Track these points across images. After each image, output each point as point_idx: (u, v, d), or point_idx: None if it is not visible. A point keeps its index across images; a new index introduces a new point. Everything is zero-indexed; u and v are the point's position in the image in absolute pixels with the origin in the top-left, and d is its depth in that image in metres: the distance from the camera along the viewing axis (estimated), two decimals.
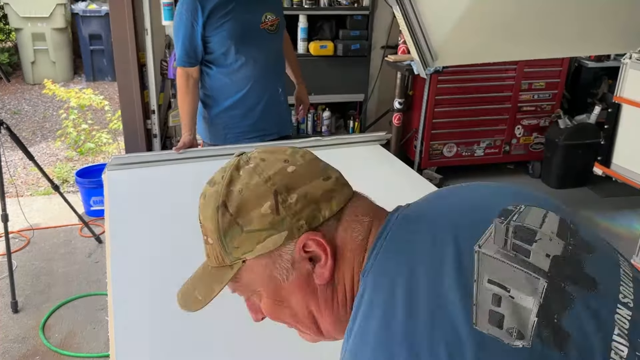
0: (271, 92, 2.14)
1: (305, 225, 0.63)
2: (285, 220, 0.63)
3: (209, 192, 0.72)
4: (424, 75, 2.25)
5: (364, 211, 0.67)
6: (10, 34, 6.17)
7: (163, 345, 1.07)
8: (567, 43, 2.14)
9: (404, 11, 1.75)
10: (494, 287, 0.55)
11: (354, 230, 0.64)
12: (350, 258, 0.64)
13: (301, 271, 0.64)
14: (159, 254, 1.38)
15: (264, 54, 2.06)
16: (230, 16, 1.94)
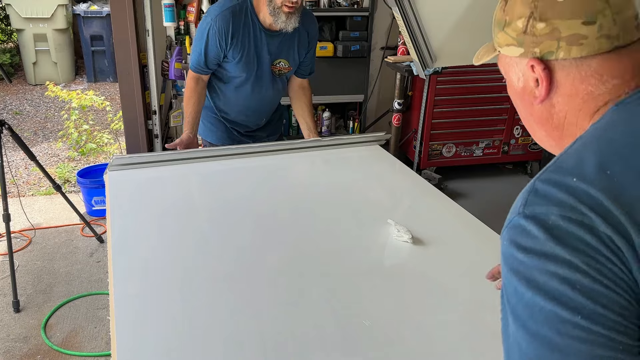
0: (256, 120, 2.23)
1: (537, 53, 0.70)
2: (527, 40, 0.71)
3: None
4: (423, 76, 2.27)
5: (615, 73, 0.67)
6: (12, 35, 6.19)
7: (164, 344, 1.08)
8: None
9: (403, 13, 1.76)
10: None
11: (592, 85, 0.68)
12: (577, 104, 0.70)
13: (527, 84, 0.74)
14: (161, 254, 1.39)
15: (264, 90, 2.11)
16: (252, 49, 1.99)
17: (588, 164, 0.62)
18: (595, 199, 0.59)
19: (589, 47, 0.67)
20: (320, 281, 1.30)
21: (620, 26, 0.66)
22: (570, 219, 0.59)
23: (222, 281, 1.29)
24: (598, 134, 0.65)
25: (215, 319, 1.16)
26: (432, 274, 1.34)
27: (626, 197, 0.58)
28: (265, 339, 1.11)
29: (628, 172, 0.60)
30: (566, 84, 0.70)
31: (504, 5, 0.75)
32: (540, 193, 0.62)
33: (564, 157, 0.66)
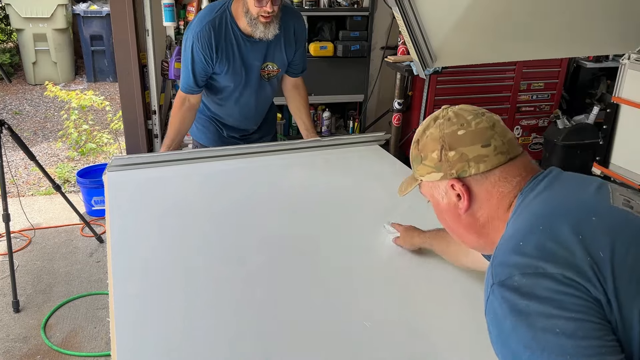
0: (248, 125, 2.21)
1: (454, 174, 0.90)
2: (443, 166, 0.91)
3: (419, 129, 0.98)
4: (423, 76, 2.27)
5: (514, 174, 0.88)
6: (11, 35, 6.19)
7: (164, 344, 1.08)
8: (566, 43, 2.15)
9: (403, 12, 1.76)
10: (623, 197, 0.82)
11: (501, 187, 0.88)
12: (494, 204, 0.89)
13: (450, 199, 0.92)
14: (160, 254, 1.39)
15: (253, 97, 2.09)
16: (238, 58, 1.96)
17: (526, 228, 0.79)
18: (541, 249, 0.74)
19: (491, 162, 0.88)
20: (320, 281, 1.30)
21: (507, 144, 0.89)
22: (529, 274, 0.73)
23: (222, 281, 1.29)
24: (521, 213, 0.83)
25: (214, 319, 1.16)
26: (433, 274, 1.34)
27: (561, 236, 0.75)
28: (265, 339, 1.11)
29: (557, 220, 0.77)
30: (481, 192, 0.89)
31: (417, 145, 0.96)
32: (499, 266, 0.77)
33: (505, 237, 0.83)
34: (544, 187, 0.85)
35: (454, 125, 0.91)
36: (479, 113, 0.92)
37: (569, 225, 0.75)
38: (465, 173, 0.89)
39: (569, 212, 0.79)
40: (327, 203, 1.69)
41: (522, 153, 0.91)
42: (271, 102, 2.25)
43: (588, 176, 0.90)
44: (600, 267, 0.70)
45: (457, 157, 0.89)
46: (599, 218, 0.77)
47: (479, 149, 0.88)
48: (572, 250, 0.72)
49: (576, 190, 0.85)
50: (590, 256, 0.71)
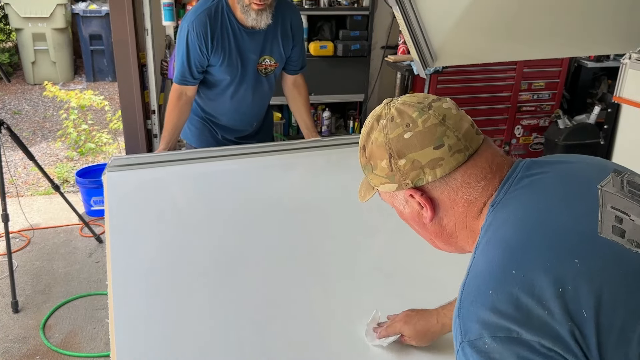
0: (245, 125, 2.16)
1: (410, 184, 0.79)
2: (396, 176, 0.80)
3: (363, 131, 0.85)
4: (423, 76, 2.26)
5: (478, 177, 0.77)
6: (10, 34, 6.18)
7: (163, 345, 1.08)
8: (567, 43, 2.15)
9: (403, 12, 1.75)
10: (616, 211, 0.69)
11: (465, 193, 0.78)
12: (460, 212, 0.79)
13: (413, 208, 0.83)
14: (159, 254, 1.38)
15: (250, 92, 2.04)
16: (234, 49, 1.92)
17: (498, 270, 0.67)
18: (514, 305, 0.63)
19: (449, 165, 0.76)
20: (321, 281, 1.29)
21: (463, 139, 0.77)
22: (500, 338, 0.63)
23: (221, 281, 1.28)
24: (493, 238, 0.72)
25: (214, 319, 1.16)
26: (433, 274, 1.34)
27: (538, 288, 0.63)
28: (264, 339, 1.10)
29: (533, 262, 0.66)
30: (444, 199, 0.79)
31: (363, 153, 0.84)
32: (467, 318, 0.67)
33: (474, 270, 0.71)
34: (518, 202, 0.73)
35: (399, 127, 0.78)
36: (424, 107, 0.78)
37: (548, 273, 0.63)
38: (422, 181, 0.78)
39: (547, 248, 0.66)
40: (327, 203, 1.69)
41: (484, 142, 0.79)
42: (268, 103, 2.20)
43: (572, 173, 0.78)
44: (584, 332, 0.60)
45: (409, 166, 0.77)
46: (583, 261, 0.64)
47: (431, 152, 0.76)
48: (550, 309, 0.61)
49: (558, 207, 0.71)
50: (571, 319, 0.61)
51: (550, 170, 0.77)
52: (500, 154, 0.81)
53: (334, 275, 1.32)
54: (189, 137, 2.17)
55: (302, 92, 2.19)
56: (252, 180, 1.83)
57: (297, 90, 2.18)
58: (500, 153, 0.81)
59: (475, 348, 0.64)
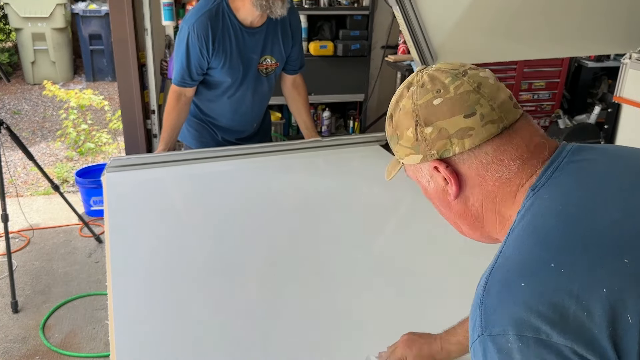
0: (245, 125, 2.14)
1: (435, 154, 0.72)
2: (421, 146, 0.73)
3: (392, 100, 0.80)
4: None
5: (513, 155, 0.70)
6: (10, 34, 6.17)
7: (163, 345, 1.08)
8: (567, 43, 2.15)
9: (403, 11, 1.75)
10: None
11: (497, 171, 0.70)
12: (490, 191, 0.71)
13: (437, 184, 0.76)
14: (159, 254, 1.38)
15: (250, 92, 2.03)
16: (235, 51, 1.91)
17: (533, 261, 0.60)
18: (548, 302, 0.56)
19: (480, 136, 0.70)
20: (321, 282, 1.29)
21: (498, 110, 0.70)
22: (527, 338, 0.56)
23: (221, 281, 1.28)
24: (530, 225, 0.64)
25: (213, 319, 1.15)
26: (433, 274, 1.33)
27: (580, 289, 0.56)
28: (264, 338, 1.10)
29: (577, 256, 0.58)
30: (472, 175, 0.72)
31: (390, 122, 0.78)
32: (491, 309, 0.60)
33: (506, 256, 0.64)
34: (563, 189, 0.65)
35: (429, 93, 0.72)
36: (459, 73, 0.72)
37: (591, 270, 0.56)
38: (449, 152, 0.71)
39: (594, 243, 0.58)
40: (327, 203, 1.68)
41: (522, 118, 0.71)
42: (267, 103, 2.19)
43: (626, 162, 0.69)
44: (624, 339, 0.53)
45: (436, 134, 0.71)
46: (635, 261, 0.56)
47: (461, 120, 0.69)
48: (590, 310, 0.54)
49: (609, 198, 0.63)
50: (613, 324, 0.53)
51: (601, 156, 0.69)
52: (541, 134, 0.72)
53: (333, 275, 1.32)
54: (188, 140, 2.15)
55: (302, 93, 2.18)
56: (252, 180, 1.82)
57: (296, 91, 2.17)
58: (541, 133, 0.73)
59: (497, 344, 0.58)
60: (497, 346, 0.58)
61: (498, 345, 0.58)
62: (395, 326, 1.15)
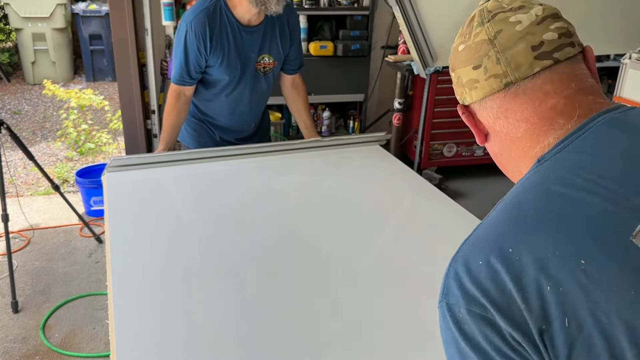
0: (244, 125, 2.14)
1: (459, 100, 0.75)
2: (454, 89, 0.75)
3: None
4: (423, 75, 2.26)
5: (518, 116, 0.67)
6: (10, 34, 6.17)
7: (163, 345, 1.08)
8: None
9: (403, 11, 1.75)
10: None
11: (503, 127, 0.70)
12: (506, 144, 0.71)
13: (469, 123, 0.76)
14: (159, 254, 1.38)
15: (247, 91, 2.02)
16: (233, 49, 1.91)
17: (496, 241, 0.60)
18: (498, 285, 0.57)
19: (483, 89, 0.69)
20: (320, 281, 1.29)
21: (505, 63, 0.66)
22: (474, 313, 0.59)
23: (221, 281, 1.28)
24: (512, 201, 0.64)
25: (214, 319, 1.15)
26: (433, 275, 1.33)
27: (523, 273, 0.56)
28: (265, 338, 1.10)
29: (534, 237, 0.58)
30: (487, 125, 0.72)
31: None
32: (451, 279, 0.63)
33: (481, 228, 0.64)
34: (560, 169, 0.61)
35: (460, 37, 0.72)
36: (492, 15, 0.69)
37: (542, 266, 0.55)
38: (465, 100, 0.73)
39: (559, 237, 0.56)
40: (327, 203, 1.69)
41: (545, 71, 0.65)
42: (266, 103, 2.18)
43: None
44: (555, 339, 0.54)
45: (456, 81, 0.73)
46: (590, 265, 0.53)
47: (470, 71, 0.69)
48: (530, 303, 0.55)
49: (605, 189, 0.57)
50: (546, 320, 0.54)
51: (630, 138, 0.61)
52: (573, 97, 0.64)
53: (333, 275, 1.32)
54: (187, 139, 2.15)
55: (301, 93, 2.18)
56: (252, 180, 1.83)
57: (296, 91, 2.17)
58: (566, 94, 0.65)
59: (452, 313, 0.61)
60: (452, 314, 0.61)
61: (452, 314, 0.61)
62: (396, 326, 1.15)
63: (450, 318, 0.61)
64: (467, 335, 0.60)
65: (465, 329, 0.60)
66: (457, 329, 0.60)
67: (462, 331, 0.60)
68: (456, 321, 0.61)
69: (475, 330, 0.59)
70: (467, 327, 0.59)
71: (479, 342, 0.58)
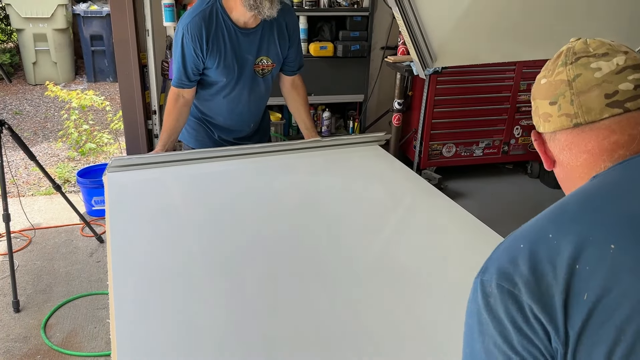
0: (242, 126, 2.15)
1: (535, 125, 0.82)
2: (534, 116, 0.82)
3: None
4: (423, 76, 2.26)
5: (582, 149, 0.74)
6: (11, 35, 6.19)
7: (164, 344, 1.08)
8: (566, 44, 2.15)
9: (403, 13, 1.76)
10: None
11: (567, 158, 0.77)
12: (567, 173, 0.79)
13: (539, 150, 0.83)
14: (160, 254, 1.39)
15: (246, 92, 2.03)
16: (230, 51, 1.92)
17: (538, 229, 0.68)
18: (533, 266, 0.64)
19: (554, 124, 0.76)
20: (320, 281, 1.30)
21: (578, 106, 0.73)
22: (503, 287, 0.66)
23: (222, 281, 1.29)
24: (559, 202, 0.71)
25: (215, 318, 1.16)
26: (433, 275, 1.34)
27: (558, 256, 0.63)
28: (265, 338, 1.11)
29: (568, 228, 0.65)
30: (555, 153, 0.80)
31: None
32: (492, 259, 0.70)
33: (529, 222, 0.71)
34: (605, 179, 0.69)
35: (544, 70, 0.80)
36: (576, 58, 0.75)
37: (577, 246, 0.62)
38: (540, 128, 0.81)
39: (596, 223, 0.64)
40: (327, 203, 1.69)
41: (613, 117, 0.71)
42: (266, 104, 2.19)
43: None
44: (573, 312, 0.61)
45: (534, 109, 0.81)
46: (620, 249, 0.61)
47: (547, 105, 0.77)
48: (557, 277, 0.62)
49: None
50: (568, 293, 0.61)
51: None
52: (637, 135, 0.71)
53: (334, 275, 1.33)
54: (186, 138, 2.17)
55: (301, 93, 2.19)
56: (253, 180, 1.83)
57: (295, 91, 2.18)
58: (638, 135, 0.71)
59: (483, 287, 0.68)
60: (483, 288, 0.68)
61: (483, 288, 0.68)
62: (395, 325, 1.16)
63: (481, 291, 0.68)
64: (490, 307, 0.67)
65: (490, 301, 0.67)
66: (484, 301, 0.67)
67: (487, 303, 0.67)
68: (485, 294, 0.67)
69: (499, 302, 0.66)
70: (493, 299, 0.67)
71: (499, 313, 0.66)
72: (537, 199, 3.57)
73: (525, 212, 0.93)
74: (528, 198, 3.62)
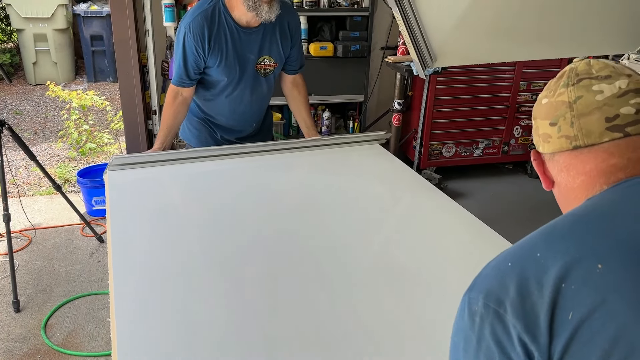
0: (244, 125, 2.15)
1: (535, 144, 0.82)
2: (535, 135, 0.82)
3: None
4: (423, 76, 2.27)
5: (579, 170, 0.74)
6: (12, 35, 6.19)
7: (164, 344, 1.08)
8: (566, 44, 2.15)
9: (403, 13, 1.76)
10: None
11: (564, 179, 0.77)
12: (564, 193, 0.78)
13: (538, 170, 0.83)
14: (161, 253, 1.39)
15: (248, 91, 2.04)
16: (232, 50, 1.92)
17: (527, 248, 0.67)
18: (519, 286, 0.64)
19: (554, 145, 0.76)
20: (320, 280, 1.30)
21: (578, 129, 0.73)
22: (489, 307, 0.65)
23: (222, 281, 1.29)
24: (551, 222, 0.70)
25: (215, 318, 1.16)
26: (433, 274, 1.34)
27: (545, 277, 0.62)
28: (265, 338, 1.11)
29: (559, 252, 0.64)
30: (553, 174, 0.79)
31: None
32: (480, 277, 0.70)
33: (518, 242, 0.71)
34: (599, 201, 0.69)
35: (546, 90, 0.80)
36: (578, 79, 0.75)
37: (563, 266, 0.62)
38: (539, 148, 0.81)
39: (584, 243, 0.63)
40: (327, 202, 1.69)
41: (614, 141, 0.70)
42: (268, 103, 2.20)
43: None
44: (557, 330, 0.60)
45: (534, 129, 0.81)
46: (607, 269, 0.60)
47: (547, 125, 0.77)
48: (543, 295, 0.62)
49: (631, 215, 0.65)
50: (553, 311, 0.61)
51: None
52: (636, 159, 0.70)
53: (333, 274, 1.33)
54: (189, 138, 2.17)
55: (302, 92, 2.19)
56: (253, 179, 1.84)
57: (296, 90, 2.18)
58: (637, 159, 0.70)
59: (470, 305, 0.68)
60: (469, 306, 0.68)
61: (470, 306, 0.68)
62: (395, 325, 1.16)
63: (467, 309, 0.68)
64: (475, 326, 0.66)
65: (476, 320, 0.67)
66: (470, 320, 0.67)
67: (473, 322, 0.67)
68: (471, 312, 0.67)
69: (485, 322, 0.65)
70: (479, 318, 0.66)
71: (485, 333, 0.65)
72: (537, 199, 3.57)
73: (525, 212, 0.92)
74: (528, 198, 3.62)
